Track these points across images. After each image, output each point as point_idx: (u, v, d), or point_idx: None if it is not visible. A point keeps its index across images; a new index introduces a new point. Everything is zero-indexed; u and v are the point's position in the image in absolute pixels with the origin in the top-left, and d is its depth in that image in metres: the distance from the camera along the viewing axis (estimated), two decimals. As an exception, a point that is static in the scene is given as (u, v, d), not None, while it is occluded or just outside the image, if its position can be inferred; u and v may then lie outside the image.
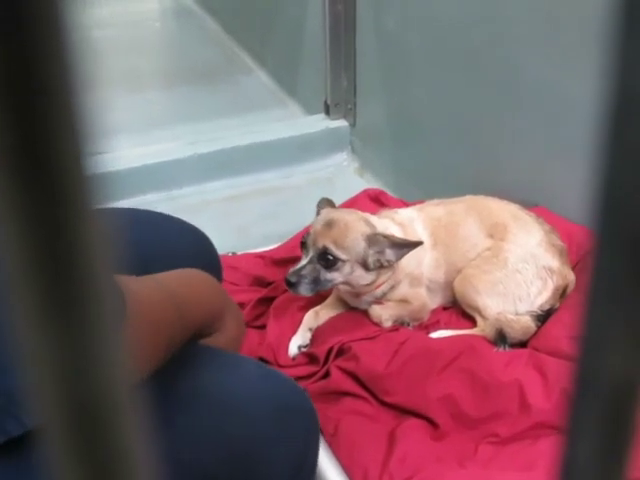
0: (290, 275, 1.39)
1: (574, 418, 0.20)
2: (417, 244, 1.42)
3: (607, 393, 0.20)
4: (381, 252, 1.41)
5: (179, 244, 1.20)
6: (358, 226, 1.42)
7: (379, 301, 1.49)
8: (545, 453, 1.21)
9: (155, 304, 0.84)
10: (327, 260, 1.39)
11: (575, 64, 1.47)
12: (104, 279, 0.18)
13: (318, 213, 1.49)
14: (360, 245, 1.40)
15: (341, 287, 1.46)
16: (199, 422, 0.91)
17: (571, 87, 1.48)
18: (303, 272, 1.39)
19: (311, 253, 1.40)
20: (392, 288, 1.49)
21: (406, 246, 1.41)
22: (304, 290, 1.40)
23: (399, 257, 1.42)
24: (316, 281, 1.40)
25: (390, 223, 1.50)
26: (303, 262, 1.40)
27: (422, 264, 1.51)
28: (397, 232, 1.48)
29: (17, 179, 0.17)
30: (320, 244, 1.39)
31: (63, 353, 0.18)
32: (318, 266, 1.40)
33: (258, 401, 0.96)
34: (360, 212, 1.49)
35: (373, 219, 1.47)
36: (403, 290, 1.50)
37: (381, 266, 1.43)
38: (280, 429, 0.97)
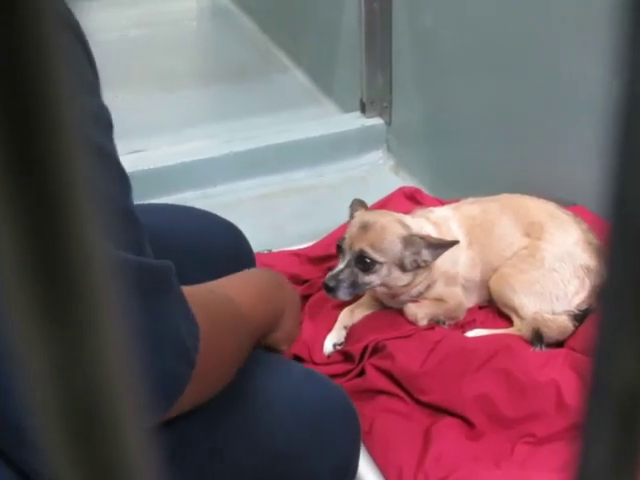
0: (328, 280, 1.39)
1: (587, 422, 0.20)
2: (453, 243, 1.41)
3: (620, 396, 0.20)
4: (417, 253, 1.41)
5: (220, 239, 1.22)
6: (394, 228, 1.42)
7: (414, 299, 1.49)
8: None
9: (222, 318, 0.86)
10: (364, 263, 1.39)
11: (612, 60, 1.45)
12: (102, 279, 0.18)
13: (351, 215, 1.49)
14: (397, 247, 1.40)
15: (378, 289, 1.46)
16: (246, 422, 0.92)
17: (608, 83, 1.46)
18: (341, 276, 1.39)
19: (348, 257, 1.40)
20: (428, 287, 1.48)
21: (442, 246, 1.41)
22: (343, 294, 1.40)
23: (435, 257, 1.42)
24: (354, 285, 1.40)
25: (425, 222, 1.49)
26: (340, 266, 1.40)
27: (458, 263, 1.50)
28: (432, 231, 1.47)
29: (10, 182, 0.17)
30: (357, 247, 1.39)
31: (60, 354, 0.18)
32: (356, 270, 1.39)
33: (305, 403, 0.97)
34: (394, 213, 1.49)
35: (407, 219, 1.47)
36: (439, 289, 1.49)
37: (418, 267, 1.42)
38: (326, 431, 0.98)
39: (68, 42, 0.64)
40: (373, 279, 1.41)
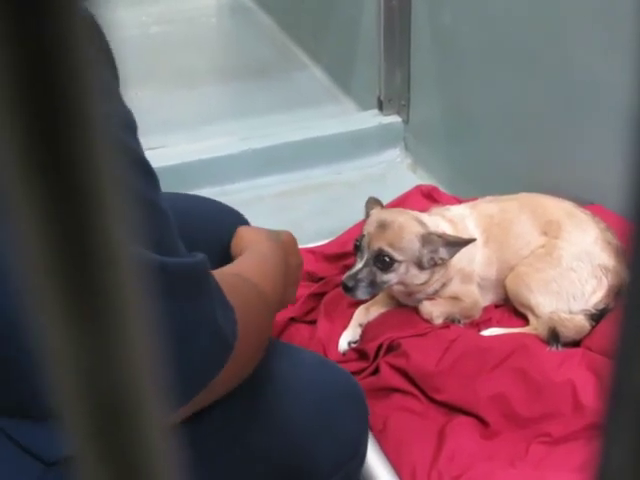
0: (347, 279, 1.39)
1: (607, 422, 0.20)
2: (470, 241, 1.41)
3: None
4: (435, 251, 1.40)
5: (221, 220, 1.24)
6: (411, 226, 1.42)
7: (430, 297, 1.49)
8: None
9: (250, 302, 0.88)
10: (383, 262, 1.39)
11: (632, 61, 1.44)
12: (129, 275, 0.18)
13: (367, 214, 1.48)
14: (415, 245, 1.40)
15: (395, 288, 1.46)
16: (264, 407, 0.94)
17: (628, 82, 1.45)
18: (360, 276, 1.38)
19: (366, 256, 1.39)
20: (443, 285, 1.48)
21: (459, 244, 1.41)
22: (361, 294, 1.40)
23: (452, 255, 1.41)
24: (373, 284, 1.39)
25: (440, 220, 1.49)
26: (359, 265, 1.39)
27: (474, 261, 1.50)
28: (447, 229, 1.47)
29: (38, 178, 0.17)
30: (376, 246, 1.39)
31: (85, 350, 0.18)
32: (374, 268, 1.39)
33: (317, 386, 1.00)
34: (411, 211, 1.49)
35: (424, 217, 1.46)
36: (454, 287, 1.49)
37: (435, 264, 1.42)
38: (337, 414, 1.00)
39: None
40: (391, 278, 1.40)
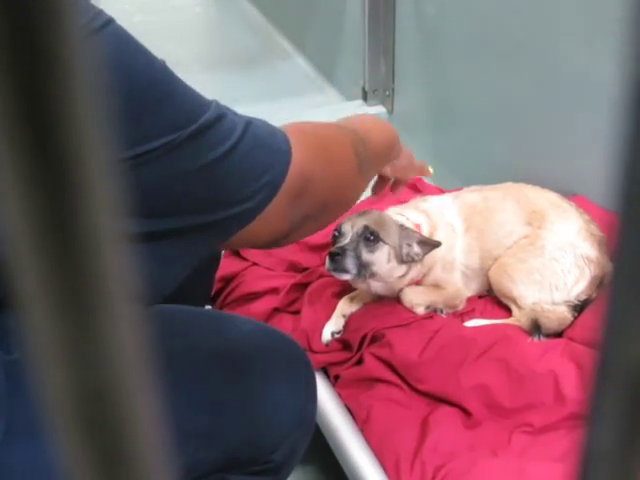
0: (335, 249, 1.37)
1: (595, 405, 0.20)
2: (437, 245, 1.42)
3: (628, 379, 0.19)
4: (410, 245, 1.41)
5: None
6: (389, 217, 1.44)
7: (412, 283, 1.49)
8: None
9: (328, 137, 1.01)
10: (369, 239, 1.38)
11: (616, 52, 1.44)
12: (116, 261, 0.18)
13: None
14: (395, 232, 1.40)
15: (377, 285, 1.45)
16: (210, 380, 0.97)
17: (612, 75, 1.45)
18: (347, 247, 1.37)
19: (350, 235, 1.39)
20: (424, 276, 1.49)
21: (429, 244, 1.42)
22: (350, 264, 1.36)
23: (425, 252, 1.43)
24: (359, 259, 1.38)
25: (413, 212, 1.50)
26: (345, 241, 1.39)
27: (454, 249, 1.50)
28: (422, 220, 1.49)
29: (26, 142, 0.17)
30: (361, 224, 1.39)
31: (72, 338, 0.18)
32: (360, 245, 1.38)
33: (261, 357, 1.03)
34: None
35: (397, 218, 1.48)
36: (436, 275, 1.49)
37: (412, 260, 1.43)
38: (276, 380, 1.03)
39: None
40: (375, 259, 1.39)
